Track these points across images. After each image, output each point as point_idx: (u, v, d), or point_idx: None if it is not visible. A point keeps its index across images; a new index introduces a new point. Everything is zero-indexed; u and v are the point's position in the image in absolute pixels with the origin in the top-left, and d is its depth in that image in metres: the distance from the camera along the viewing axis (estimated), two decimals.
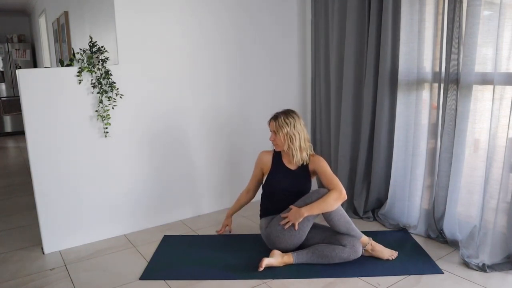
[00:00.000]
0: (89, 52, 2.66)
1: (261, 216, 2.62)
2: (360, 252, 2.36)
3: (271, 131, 2.54)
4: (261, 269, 2.29)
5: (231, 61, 3.25)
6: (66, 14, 4.47)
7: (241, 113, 3.36)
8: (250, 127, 3.41)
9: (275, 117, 2.51)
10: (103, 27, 2.98)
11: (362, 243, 2.39)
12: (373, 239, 2.46)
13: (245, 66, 3.33)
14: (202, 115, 3.17)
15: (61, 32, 4.69)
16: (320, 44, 3.36)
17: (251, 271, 2.32)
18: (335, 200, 2.35)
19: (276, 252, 2.39)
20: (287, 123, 2.46)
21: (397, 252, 2.46)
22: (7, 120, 7.48)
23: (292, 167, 2.55)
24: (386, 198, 2.99)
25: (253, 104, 3.40)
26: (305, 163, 2.53)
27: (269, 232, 2.48)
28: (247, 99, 3.37)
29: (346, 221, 2.38)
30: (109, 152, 2.78)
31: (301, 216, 2.34)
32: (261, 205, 2.65)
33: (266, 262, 2.31)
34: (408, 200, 2.87)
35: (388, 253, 2.43)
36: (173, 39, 2.96)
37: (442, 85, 2.57)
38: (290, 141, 2.47)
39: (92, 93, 2.67)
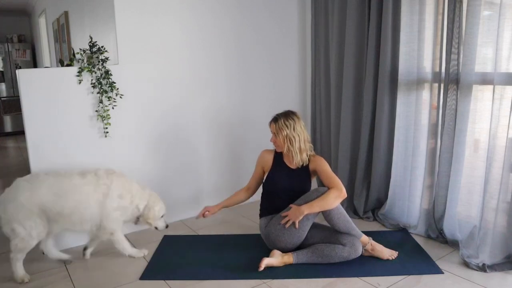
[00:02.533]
0: (89, 52, 2.66)
1: (261, 215, 2.62)
2: (360, 251, 2.36)
3: (271, 132, 2.55)
4: (261, 269, 2.29)
5: (231, 61, 3.25)
6: (66, 14, 4.46)
7: (241, 113, 3.36)
8: (250, 128, 3.41)
9: (275, 119, 2.51)
10: (103, 27, 2.98)
11: (362, 242, 2.39)
12: (373, 239, 2.46)
13: (245, 66, 3.33)
14: (202, 115, 3.17)
15: (61, 32, 4.69)
16: (320, 44, 3.36)
17: (251, 271, 2.32)
18: (335, 198, 2.35)
19: (276, 252, 2.39)
20: (287, 125, 2.47)
21: (397, 252, 2.46)
22: (7, 120, 7.47)
23: (293, 166, 2.56)
24: (386, 198, 2.99)
25: (253, 104, 3.40)
26: (304, 164, 2.54)
27: (268, 232, 2.48)
28: (247, 99, 3.37)
29: (346, 220, 2.38)
30: (109, 152, 2.78)
31: (302, 214, 2.34)
32: (261, 204, 2.65)
33: (266, 262, 2.31)
34: (408, 200, 2.87)
35: (388, 253, 2.43)
36: (173, 39, 2.96)
37: (442, 85, 2.58)
38: (290, 143, 2.47)
39: (92, 93, 2.67)
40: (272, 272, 2.30)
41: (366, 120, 3.03)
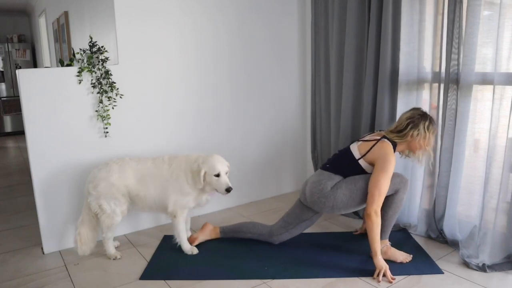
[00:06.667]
0: (89, 52, 2.66)
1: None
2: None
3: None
4: (193, 244, 2.59)
5: (232, 61, 3.25)
6: (66, 14, 4.47)
7: (242, 113, 3.36)
8: (251, 128, 3.41)
9: None
10: (103, 27, 2.98)
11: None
12: None
13: (245, 66, 3.33)
14: (202, 115, 3.17)
15: (61, 32, 4.69)
16: (320, 44, 3.36)
17: (251, 271, 2.32)
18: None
19: (207, 229, 2.68)
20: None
21: (411, 255, 2.43)
22: (7, 120, 7.49)
23: None
24: None
25: (253, 104, 3.40)
26: None
27: (336, 194, 2.39)
28: (247, 99, 3.37)
29: (395, 211, 2.46)
30: (109, 152, 2.78)
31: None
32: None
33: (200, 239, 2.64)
34: (408, 200, 2.87)
35: (402, 257, 2.41)
36: (173, 39, 2.96)
37: (442, 85, 2.57)
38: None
39: (92, 93, 2.67)
40: (272, 272, 2.31)
41: (366, 120, 3.02)
